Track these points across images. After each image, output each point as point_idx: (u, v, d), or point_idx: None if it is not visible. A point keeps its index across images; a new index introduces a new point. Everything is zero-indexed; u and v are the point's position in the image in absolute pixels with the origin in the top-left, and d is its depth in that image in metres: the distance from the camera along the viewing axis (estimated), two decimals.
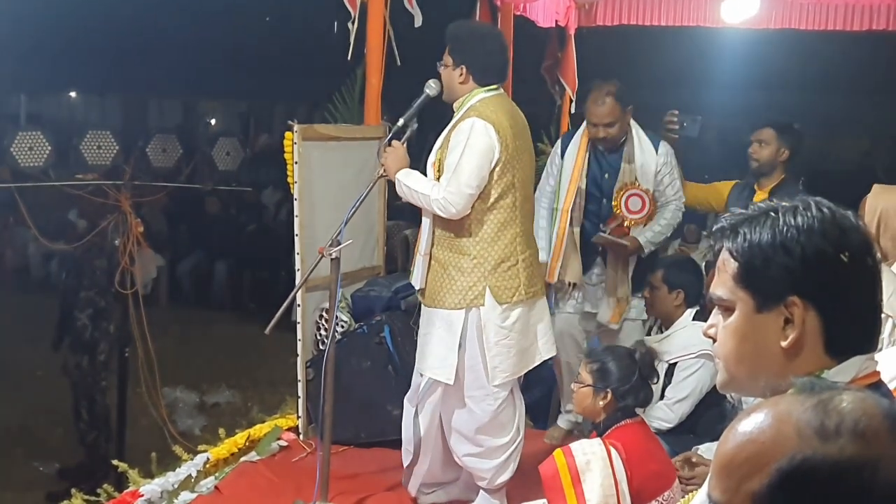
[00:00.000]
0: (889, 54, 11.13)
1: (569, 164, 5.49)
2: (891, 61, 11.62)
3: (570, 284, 5.50)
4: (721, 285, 1.76)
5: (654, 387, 3.75)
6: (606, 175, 5.46)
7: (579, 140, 5.51)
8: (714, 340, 1.81)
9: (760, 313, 1.71)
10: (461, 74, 4.30)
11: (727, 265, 1.75)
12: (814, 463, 1.18)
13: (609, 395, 3.57)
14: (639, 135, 5.45)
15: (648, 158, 5.42)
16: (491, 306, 4.23)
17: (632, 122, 5.46)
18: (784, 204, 1.71)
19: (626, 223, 5.39)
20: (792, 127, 5.62)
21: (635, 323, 5.52)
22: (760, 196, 5.48)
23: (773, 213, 1.70)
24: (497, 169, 4.20)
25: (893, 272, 3.66)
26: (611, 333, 5.48)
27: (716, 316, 1.80)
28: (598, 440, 3.45)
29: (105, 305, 7.50)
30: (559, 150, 5.60)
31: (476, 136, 4.15)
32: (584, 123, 5.49)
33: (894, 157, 17.15)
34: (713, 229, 1.81)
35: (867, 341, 1.71)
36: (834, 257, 1.65)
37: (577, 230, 5.44)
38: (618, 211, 5.40)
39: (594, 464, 3.27)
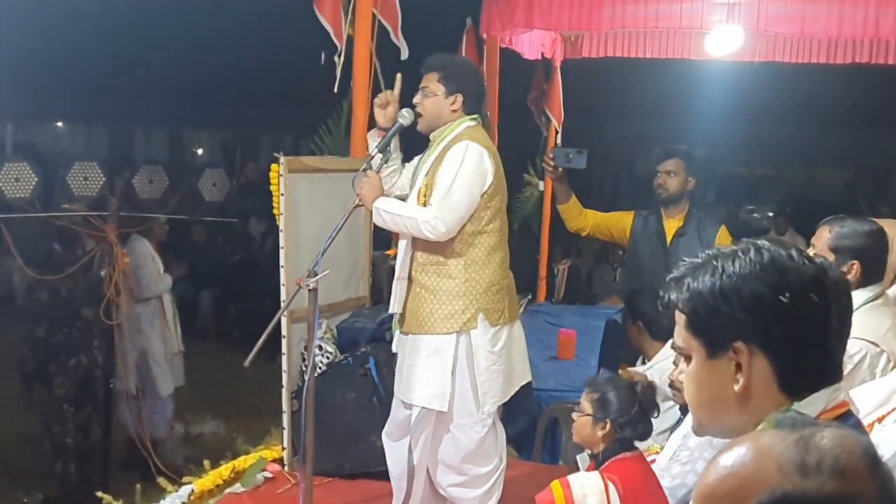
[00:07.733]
0: (871, 87, 11.24)
1: None
2: (873, 94, 11.73)
3: None
4: (678, 335, 1.80)
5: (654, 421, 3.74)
6: None
7: None
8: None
9: (712, 360, 1.74)
10: (454, 103, 4.33)
11: (679, 316, 1.79)
12: (794, 498, 1.19)
13: (608, 426, 3.54)
14: None
15: None
16: (483, 330, 4.22)
17: None
18: (726, 251, 1.75)
19: None
20: (695, 155, 5.65)
21: None
22: (674, 225, 5.50)
23: (714, 262, 1.74)
24: (488, 193, 4.23)
25: (891, 308, 3.66)
26: None
27: (681, 363, 1.83)
28: (596, 473, 3.43)
29: (90, 336, 7.47)
30: None
31: (470, 160, 4.17)
32: None
33: (877, 188, 17.28)
34: (667, 280, 1.83)
35: (827, 374, 1.73)
36: (772, 300, 1.67)
37: None
38: None
39: (591, 498, 3.27)
